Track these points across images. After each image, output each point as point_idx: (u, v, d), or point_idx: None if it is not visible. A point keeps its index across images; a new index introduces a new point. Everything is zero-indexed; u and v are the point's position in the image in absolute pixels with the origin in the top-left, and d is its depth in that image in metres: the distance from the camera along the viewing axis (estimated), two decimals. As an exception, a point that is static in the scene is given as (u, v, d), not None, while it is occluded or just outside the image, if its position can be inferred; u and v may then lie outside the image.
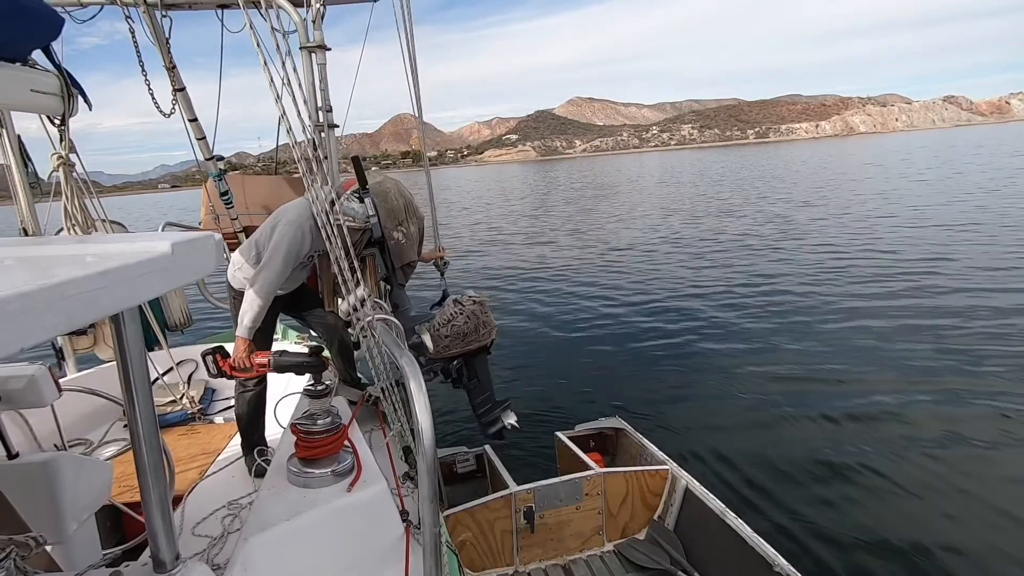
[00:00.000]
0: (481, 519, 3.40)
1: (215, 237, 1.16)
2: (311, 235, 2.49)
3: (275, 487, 1.93)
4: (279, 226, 2.48)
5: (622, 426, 4.54)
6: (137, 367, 1.11)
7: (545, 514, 3.52)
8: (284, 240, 2.42)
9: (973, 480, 4.41)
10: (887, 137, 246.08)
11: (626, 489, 3.70)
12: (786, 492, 4.47)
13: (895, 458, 4.81)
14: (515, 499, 3.47)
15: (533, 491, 3.51)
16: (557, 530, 3.57)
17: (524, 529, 3.49)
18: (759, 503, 4.31)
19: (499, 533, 3.46)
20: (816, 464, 4.83)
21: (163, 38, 3.42)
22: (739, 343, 7.91)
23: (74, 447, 2.94)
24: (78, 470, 1.71)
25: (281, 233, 2.44)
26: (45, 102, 2.29)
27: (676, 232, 18.24)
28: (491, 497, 3.47)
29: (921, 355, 6.86)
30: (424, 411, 1.54)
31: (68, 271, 0.81)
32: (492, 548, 3.46)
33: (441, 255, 3.43)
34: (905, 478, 4.52)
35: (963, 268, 10.68)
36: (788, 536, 3.91)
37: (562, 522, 3.58)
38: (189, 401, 3.53)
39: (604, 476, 3.65)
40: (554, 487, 3.55)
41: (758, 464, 4.88)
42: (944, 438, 5.04)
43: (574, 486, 3.59)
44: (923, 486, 4.42)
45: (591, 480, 3.62)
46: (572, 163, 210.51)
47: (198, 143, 3.79)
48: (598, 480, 3.63)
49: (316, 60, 3.07)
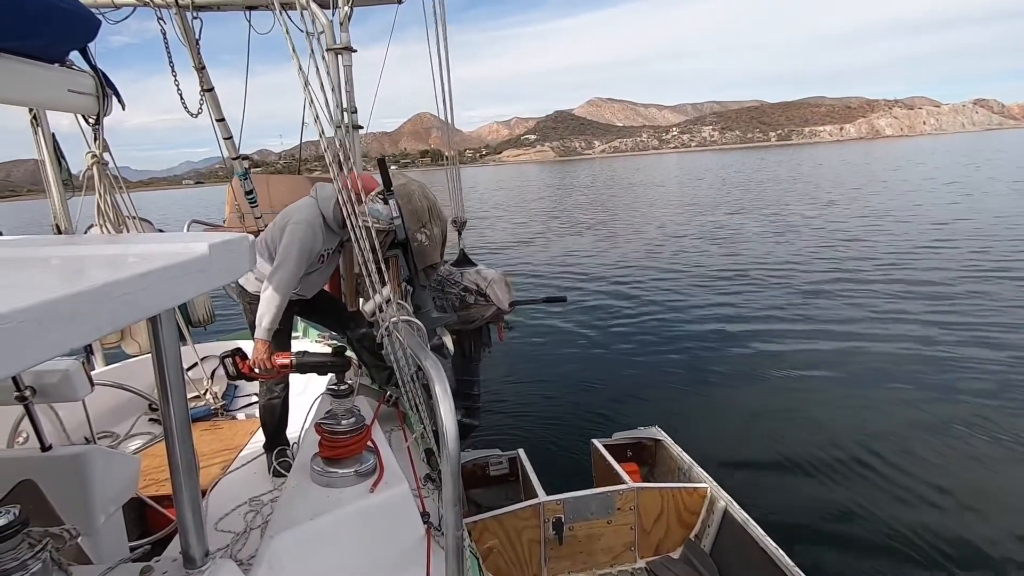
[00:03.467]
0: (509, 527, 3.34)
1: (249, 239, 1.17)
2: (322, 232, 2.50)
3: (299, 485, 1.95)
4: (290, 225, 2.47)
5: (661, 437, 4.39)
6: (172, 366, 1.12)
7: (575, 526, 3.44)
8: (296, 238, 2.42)
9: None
10: (914, 140, 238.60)
11: (661, 506, 3.58)
12: (835, 526, 4.17)
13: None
14: (544, 509, 3.39)
15: (563, 502, 3.42)
16: (587, 543, 3.48)
17: (552, 540, 3.41)
18: (804, 533, 4.01)
19: (526, 543, 3.39)
20: (878, 499, 4.41)
21: (193, 39, 3.47)
22: (802, 359, 7.32)
23: (101, 440, 2.99)
24: (108, 463, 1.74)
25: (292, 232, 2.44)
26: (81, 102, 2.34)
27: (725, 233, 17.74)
28: (520, 506, 3.41)
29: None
30: (449, 414, 1.54)
31: (110, 273, 0.83)
32: (519, 557, 3.40)
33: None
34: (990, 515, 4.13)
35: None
36: (827, 568, 3.63)
37: (592, 535, 3.48)
38: (212, 397, 3.58)
39: (638, 491, 3.54)
40: (585, 499, 3.46)
41: (806, 492, 4.58)
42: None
43: (606, 499, 3.49)
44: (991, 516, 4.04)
45: (624, 495, 3.51)
46: (591, 164, 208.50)
47: (225, 142, 3.85)
48: (631, 495, 3.52)
49: (343, 62, 3.09)
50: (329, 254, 2.68)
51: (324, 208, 2.52)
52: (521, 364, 7.82)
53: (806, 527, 4.14)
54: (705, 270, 13.03)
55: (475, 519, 3.27)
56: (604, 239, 18.73)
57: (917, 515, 4.24)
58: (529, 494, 3.70)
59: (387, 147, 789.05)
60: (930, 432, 5.33)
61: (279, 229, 2.54)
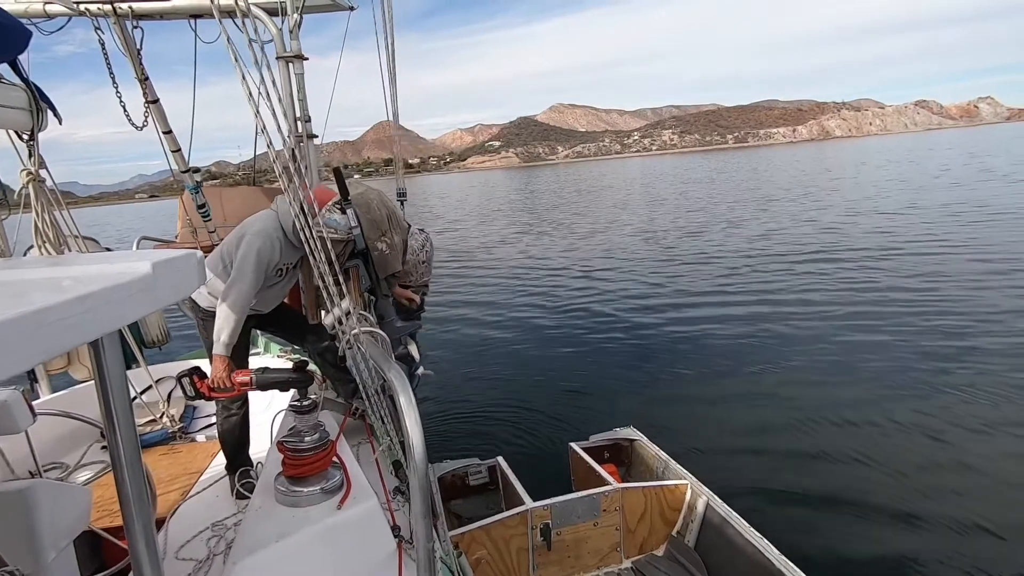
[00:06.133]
0: (497, 536, 3.32)
1: (197, 255, 1.13)
2: (280, 245, 2.42)
3: (263, 507, 1.89)
4: (247, 236, 2.40)
5: (637, 436, 4.44)
6: (117, 391, 1.07)
7: (562, 531, 3.44)
8: (253, 249, 2.34)
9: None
10: (863, 140, 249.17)
11: (644, 505, 3.62)
12: (813, 508, 4.28)
13: (931, 465, 4.59)
14: (531, 515, 3.38)
15: (550, 507, 3.41)
16: (574, 547, 3.49)
17: (541, 546, 3.40)
18: (783, 519, 4.10)
19: (515, 550, 3.37)
20: (847, 478, 4.58)
21: (134, 49, 3.36)
22: (760, 349, 7.61)
23: (49, 471, 2.84)
24: (56, 497, 1.65)
25: (249, 243, 2.36)
26: (13, 117, 2.22)
27: (687, 234, 18.12)
28: (507, 514, 3.39)
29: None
30: (415, 425, 1.52)
31: (45, 297, 0.78)
32: (508, 566, 3.37)
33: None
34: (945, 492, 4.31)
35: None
36: (814, 555, 3.66)
37: (579, 539, 3.49)
38: (169, 420, 3.45)
39: (622, 491, 3.57)
40: (571, 503, 3.46)
41: (780, 477, 4.69)
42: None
43: (592, 502, 3.50)
44: (960, 507, 4.17)
45: (609, 496, 3.54)
46: (555, 169, 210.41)
47: (173, 155, 3.72)
48: (616, 496, 3.55)
49: (294, 70, 3.03)
50: (288, 269, 2.60)
51: (284, 221, 2.45)
52: (492, 371, 7.82)
53: (787, 515, 4.23)
54: (667, 268, 13.33)
55: (462, 530, 3.23)
56: (565, 243, 18.92)
57: (897, 495, 4.40)
58: (513, 502, 3.68)
59: (350, 156, 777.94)
60: (903, 414, 5.54)
61: (236, 240, 2.46)
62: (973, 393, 5.80)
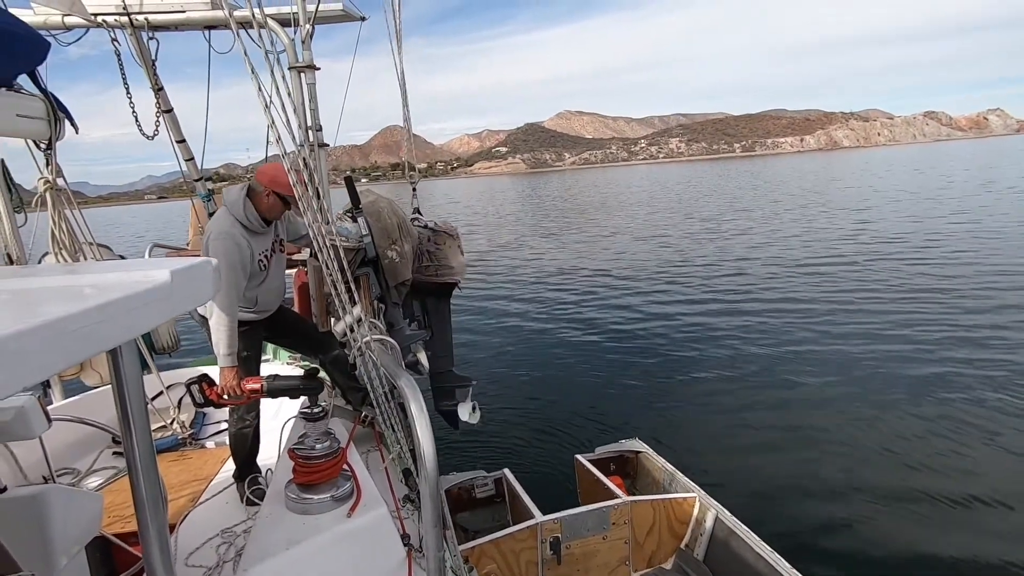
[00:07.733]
0: (506, 550, 3.30)
1: (212, 262, 1.14)
2: (244, 238, 2.41)
3: (273, 514, 1.89)
4: (208, 243, 2.40)
5: (643, 448, 4.41)
6: (134, 398, 1.08)
7: (572, 544, 3.41)
8: (218, 254, 2.33)
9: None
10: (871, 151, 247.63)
11: (653, 518, 3.59)
12: (825, 521, 4.22)
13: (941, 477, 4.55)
14: (541, 529, 3.36)
15: (560, 521, 3.40)
16: (583, 560, 3.46)
17: (550, 560, 3.38)
18: (793, 532, 4.07)
19: (524, 564, 3.35)
20: (856, 490, 4.53)
21: (150, 60, 3.40)
22: (769, 362, 7.54)
23: (62, 477, 2.86)
24: (68, 503, 1.66)
25: (213, 250, 2.36)
26: (31, 127, 2.26)
27: (698, 243, 18.02)
28: (517, 528, 3.37)
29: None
30: (426, 434, 1.52)
31: (65, 306, 0.79)
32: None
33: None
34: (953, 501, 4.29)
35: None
36: (827, 569, 3.68)
37: (588, 552, 3.47)
38: (180, 426, 3.46)
39: (631, 505, 3.55)
40: (581, 516, 3.45)
41: (790, 489, 4.64)
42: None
43: (601, 515, 3.48)
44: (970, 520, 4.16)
45: (618, 509, 3.51)
46: (563, 175, 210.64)
47: (186, 163, 3.76)
48: (625, 509, 3.53)
49: (305, 80, 3.06)
50: (269, 256, 2.57)
51: (235, 212, 2.42)
52: (495, 382, 7.79)
53: (797, 530, 4.16)
54: (672, 280, 13.26)
55: (471, 545, 3.22)
56: (573, 252, 18.89)
57: (906, 510, 4.33)
58: (522, 515, 3.66)
59: (357, 160, 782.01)
60: (913, 431, 5.45)
61: (204, 249, 2.45)
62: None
